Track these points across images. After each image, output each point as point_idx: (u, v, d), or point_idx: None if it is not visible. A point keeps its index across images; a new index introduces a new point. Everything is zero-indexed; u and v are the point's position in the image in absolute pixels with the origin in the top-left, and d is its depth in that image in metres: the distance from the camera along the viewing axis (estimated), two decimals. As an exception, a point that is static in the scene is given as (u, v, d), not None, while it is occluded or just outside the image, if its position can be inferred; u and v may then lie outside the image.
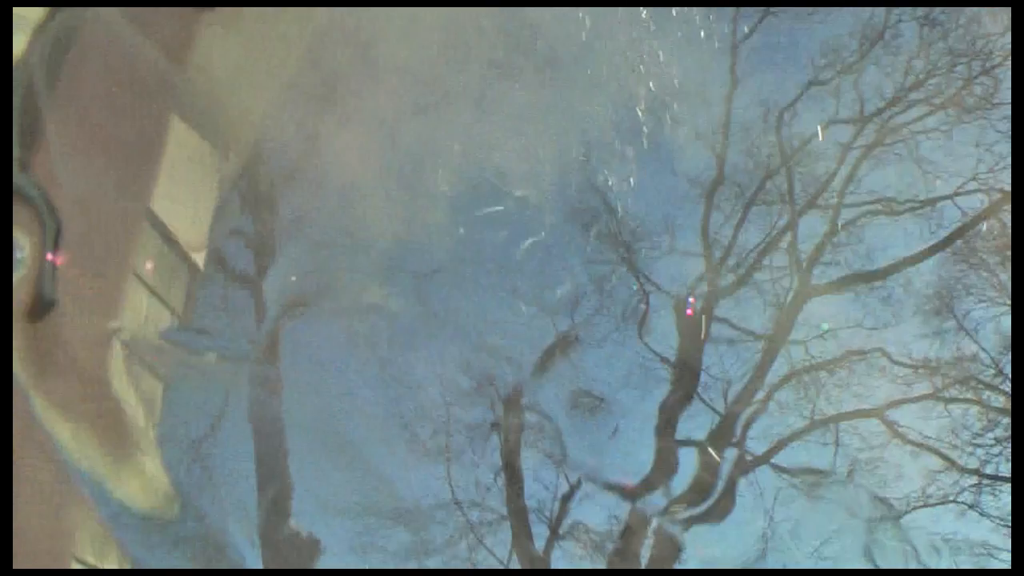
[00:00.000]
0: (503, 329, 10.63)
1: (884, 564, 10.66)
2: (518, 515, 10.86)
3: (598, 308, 10.91)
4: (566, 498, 11.21)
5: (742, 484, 10.79)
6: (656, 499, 10.67)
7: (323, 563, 9.02)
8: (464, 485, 11.05)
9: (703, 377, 11.11)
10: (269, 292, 9.45)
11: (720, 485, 10.58)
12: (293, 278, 8.98)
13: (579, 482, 11.43)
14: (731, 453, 10.94)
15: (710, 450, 10.42)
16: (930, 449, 10.16)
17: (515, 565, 10.97)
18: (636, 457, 10.91)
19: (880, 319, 10.48)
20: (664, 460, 10.82)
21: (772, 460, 10.66)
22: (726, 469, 10.72)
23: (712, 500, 10.50)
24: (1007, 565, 10.52)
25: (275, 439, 8.88)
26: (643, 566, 10.39)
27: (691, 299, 10.53)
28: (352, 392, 10.28)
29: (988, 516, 10.35)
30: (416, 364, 9.99)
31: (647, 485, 10.49)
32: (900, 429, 10.24)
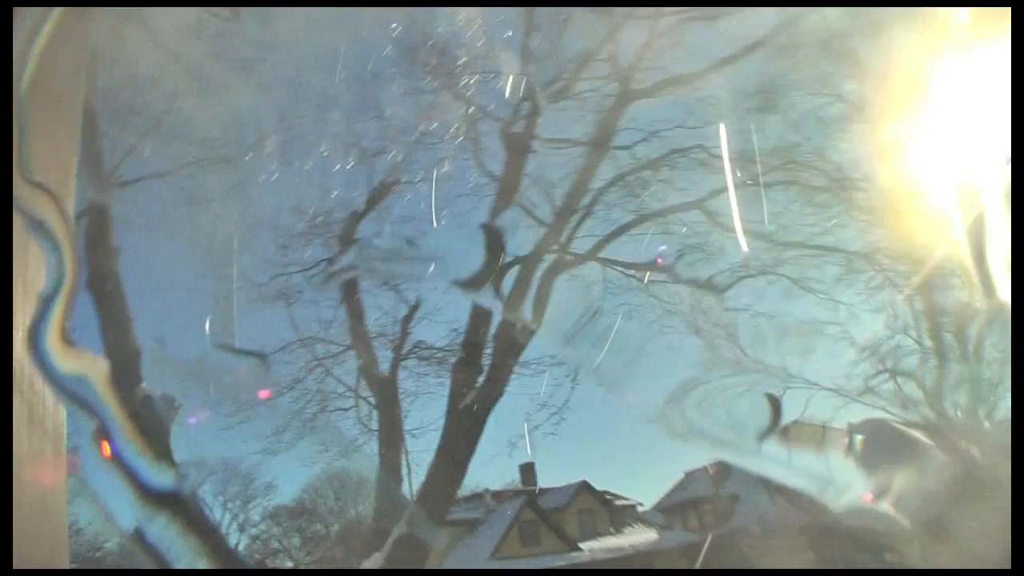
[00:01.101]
0: (331, 174, 10.29)
1: (708, 330, 12.24)
2: (362, 342, 11.15)
3: (423, 134, 10.70)
4: (406, 320, 11.66)
5: (566, 280, 11.55)
6: (493, 305, 11.18)
7: (180, 419, 8.85)
8: (306, 323, 11.10)
9: (529, 185, 11.31)
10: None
11: (535, 287, 11.29)
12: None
13: (417, 304, 11.88)
14: (551, 258, 11.61)
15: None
16: (750, 233, 10.99)
17: (364, 390, 11.49)
18: (468, 270, 11.36)
19: (701, 119, 11.00)
20: (492, 271, 11.36)
21: (601, 255, 11.42)
22: (541, 270, 11.40)
23: (531, 297, 11.28)
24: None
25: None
26: (485, 367, 11.09)
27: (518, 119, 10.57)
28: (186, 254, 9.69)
29: (811, 290, 11.72)
30: (248, 210, 9.50)
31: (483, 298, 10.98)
32: (720, 219, 11.12)
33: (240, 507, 17.17)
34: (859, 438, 19.79)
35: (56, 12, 1.13)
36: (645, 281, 11.34)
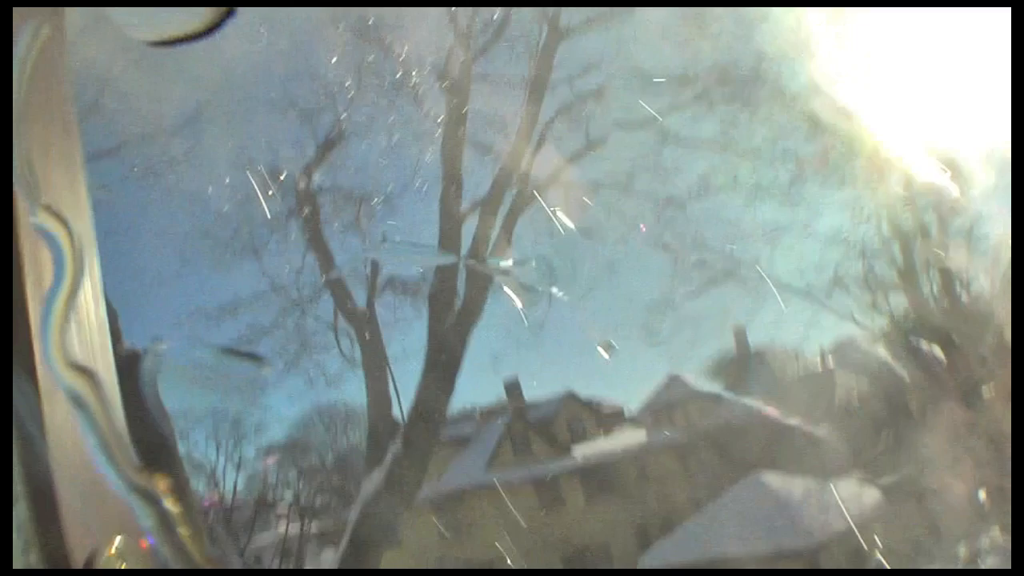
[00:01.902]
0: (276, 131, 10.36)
1: (673, 243, 12.54)
2: (335, 283, 11.40)
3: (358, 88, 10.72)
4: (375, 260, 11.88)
5: (530, 208, 11.83)
6: (462, 235, 11.41)
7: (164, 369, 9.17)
8: (277, 273, 11.31)
9: (478, 125, 11.44)
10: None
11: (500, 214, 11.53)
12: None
13: (383, 238, 12.07)
14: (512, 188, 11.80)
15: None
16: (703, 147, 11.38)
17: (341, 325, 11.81)
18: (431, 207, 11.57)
19: (640, 42, 11.10)
20: (454, 204, 11.53)
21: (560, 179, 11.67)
22: (504, 199, 11.62)
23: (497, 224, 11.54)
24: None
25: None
26: (459, 291, 11.41)
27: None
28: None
29: (770, 195, 12.10)
30: (200, 173, 9.57)
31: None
32: (670, 137, 11.52)
33: (234, 447, 17.70)
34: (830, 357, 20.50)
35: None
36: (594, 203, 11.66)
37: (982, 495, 11.84)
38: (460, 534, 16.67)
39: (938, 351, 14.91)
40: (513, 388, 18.30)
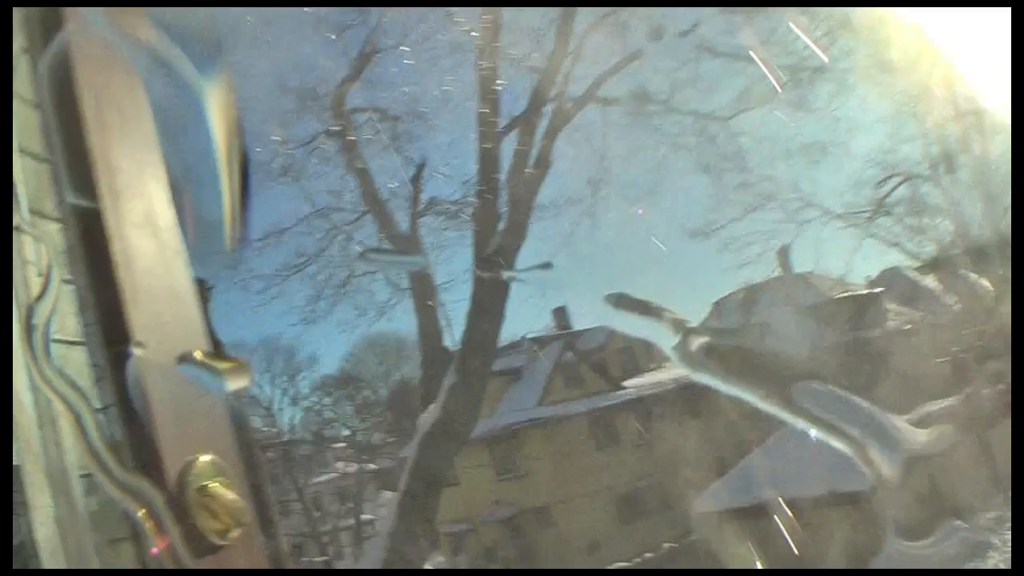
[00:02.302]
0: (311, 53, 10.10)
1: (715, 163, 12.13)
2: (376, 205, 11.20)
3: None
4: (416, 178, 11.65)
5: (569, 123, 11.47)
6: (501, 154, 11.11)
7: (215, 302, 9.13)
8: (318, 195, 11.17)
9: (511, 37, 11.04)
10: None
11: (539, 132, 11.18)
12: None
13: (423, 163, 11.84)
14: (551, 104, 11.41)
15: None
16: (745, 59, 10.97)
17: (386, 246, 11.67)
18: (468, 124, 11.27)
19: None
20: (492, 122, 11.17)
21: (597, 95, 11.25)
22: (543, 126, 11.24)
23: (536, 142, 11.18)
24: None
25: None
26: (502, 214, 11.14)
27: None
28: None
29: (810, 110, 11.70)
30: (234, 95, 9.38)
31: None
32: (708, 45, 10.98)
33: (288, 382, 17.79)
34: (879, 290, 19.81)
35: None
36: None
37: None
38: (516, 472, 16.63)
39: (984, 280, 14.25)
40: (561, 316, 18.08)
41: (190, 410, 1.00)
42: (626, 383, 18.02)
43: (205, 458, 0.95)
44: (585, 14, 11.21)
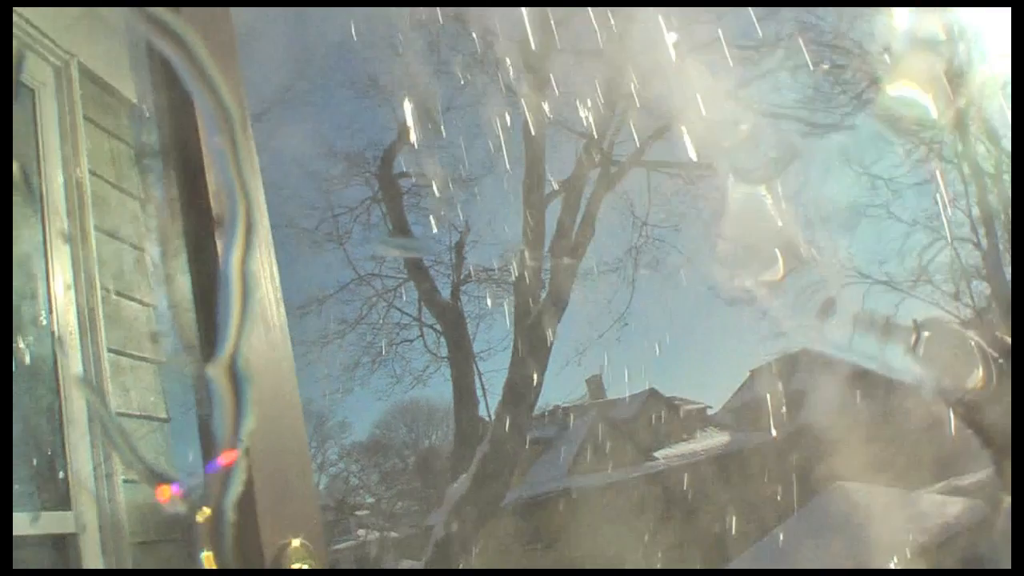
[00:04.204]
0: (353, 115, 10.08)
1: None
2: (418, 273, 11.07)
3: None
4: (459, 245, 11.53)
5: (614, 190, 11.40)
6: (546, 220, 11.01)
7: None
8: (361, 261, 11.06)
9: (558, 101, 11.05)
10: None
11: (584, 197, 11.09)
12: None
13: (467, 228, 11.73)
14: (595, 169, 11.35)
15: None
16: (787, 116, 10.97)
17: (428, 319, 11.48)
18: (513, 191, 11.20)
19: (715, 13, 10.66)
20: (536, 187, 11.09)
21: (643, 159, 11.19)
22: (587, 180, 11.17)
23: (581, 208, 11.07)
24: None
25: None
26: (545, 282, 10.98)
27: None
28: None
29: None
30: (279, 161, 9.38)
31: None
32: (756, 105, 10.98)
33: (316, 448, 17.48)
34: (925, 334, 19.41)
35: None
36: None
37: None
38: (542, 542, 16.18)
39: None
40: (595, 385, 17.74)
41: (286, 494, 1.07)
42: (657, 453, 17.60)
43: (296, 542, 1.01)
44: (631, 76, 11.25)
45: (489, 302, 11.43)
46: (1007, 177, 11.55)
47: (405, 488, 18.57)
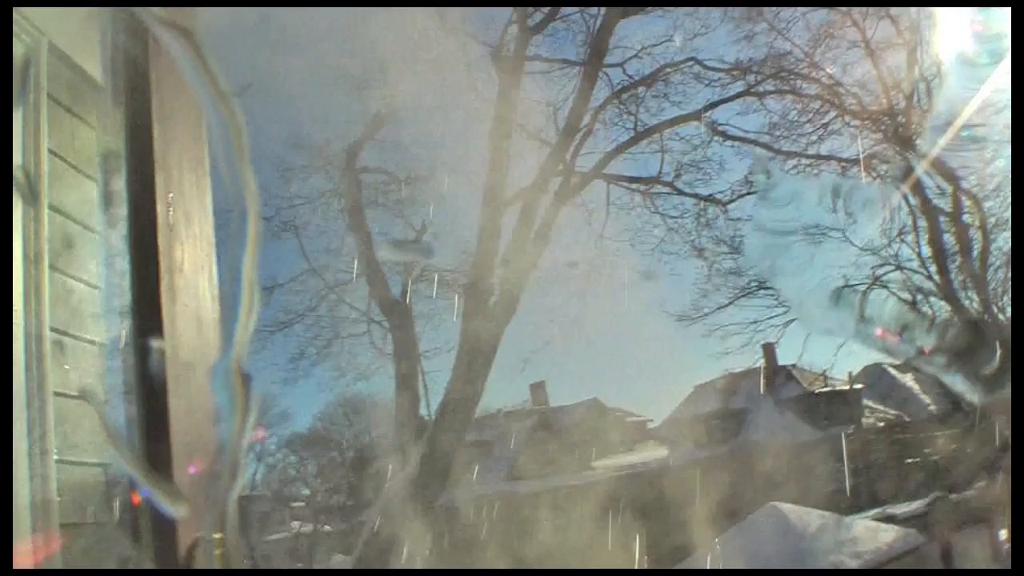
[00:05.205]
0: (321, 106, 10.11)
1: (711, 248, 12.27)
2: (372, 268, 11.08)
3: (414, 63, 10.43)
4: (415, 241, 11.58)
5: (572, 199, 11.55)
6: (502, 226, 11.10)
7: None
8: (315, 253, 11.05)
9: (526, 108, 11.17)
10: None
11: (541, 208, 11.22)
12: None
13: (423, 228, 11.79)
14: (556, 178, 11.50)
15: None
16: (750, 142, 11.26)
17: (377, 315, 11.50)
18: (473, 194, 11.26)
19: (690, 30, 10.92)
20: (497, 194, 11.18)
21: (604, 172, 11.37)
22: (547, 190, 11.29)
23: (538, 217, 11.20)
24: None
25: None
26: (495, 287, 11.06)
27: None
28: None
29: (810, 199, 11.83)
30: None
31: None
32: (720, 128, 11.26)
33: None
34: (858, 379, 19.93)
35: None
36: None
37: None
38: (475, 544, 16.20)
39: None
40: (539, 391, 17.93)
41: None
42: (595, 464, 17.82)
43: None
44: (603, 91, 11.44)
45: (439, 302, 11.51)
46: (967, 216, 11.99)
47: (341, 482, 18.49)
